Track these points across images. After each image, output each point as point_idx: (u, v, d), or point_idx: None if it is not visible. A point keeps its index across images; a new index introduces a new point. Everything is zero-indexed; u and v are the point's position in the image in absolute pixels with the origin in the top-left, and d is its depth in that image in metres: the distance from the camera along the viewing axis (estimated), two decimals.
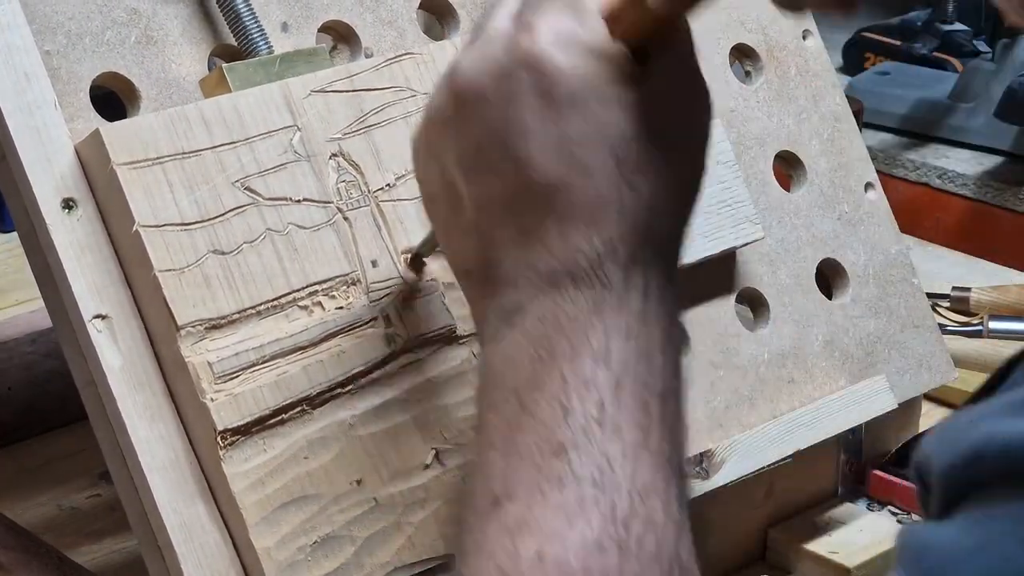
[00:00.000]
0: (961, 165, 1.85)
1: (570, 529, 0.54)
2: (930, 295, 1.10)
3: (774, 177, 0.96)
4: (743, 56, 0.98)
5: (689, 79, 0.63)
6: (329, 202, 0.72)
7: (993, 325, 1.23)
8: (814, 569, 0.95)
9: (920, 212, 1.79)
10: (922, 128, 1.91)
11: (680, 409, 0.60)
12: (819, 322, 0.95)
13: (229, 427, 0.67)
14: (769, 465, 0.90)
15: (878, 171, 1.01)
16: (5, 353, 1.09)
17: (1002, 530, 0.48)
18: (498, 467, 0.56)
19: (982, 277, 1.35)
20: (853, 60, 2.10)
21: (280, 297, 0.70)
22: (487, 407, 0.59)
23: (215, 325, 0.68)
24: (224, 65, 0.73)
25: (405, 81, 0.75)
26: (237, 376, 0.68)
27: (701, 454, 0.86)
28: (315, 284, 0.71)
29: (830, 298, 0.96)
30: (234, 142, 0.70)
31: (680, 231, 0.62)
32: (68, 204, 0.69)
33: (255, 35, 0.76)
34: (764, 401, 0.91)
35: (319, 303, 0.71)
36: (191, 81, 0.76)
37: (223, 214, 0.69)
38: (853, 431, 0.97)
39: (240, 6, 0.76)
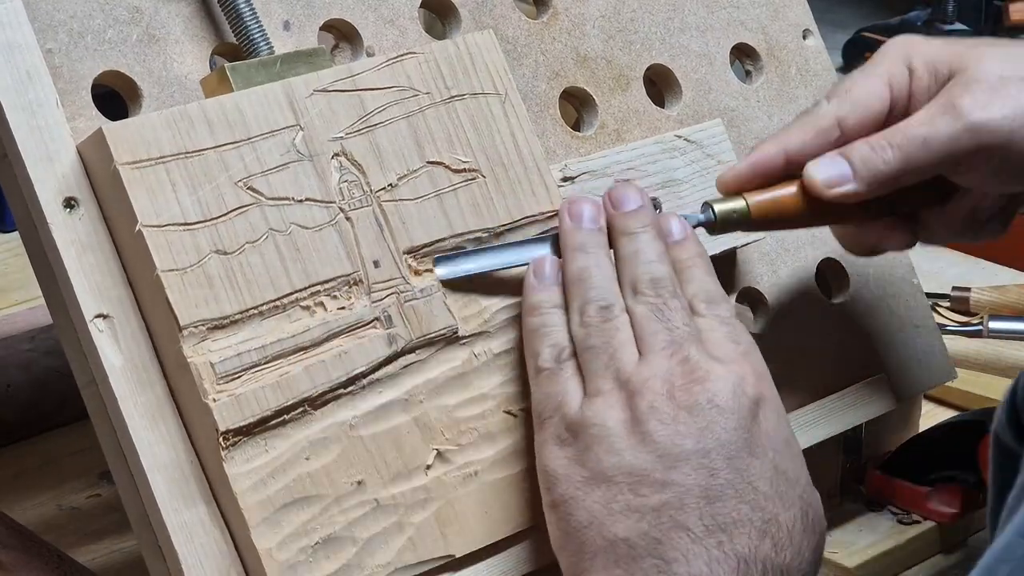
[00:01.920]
0: None
1: None
2: (930, 295, 1.10)
3: None
4: (744, 55, 0.98)
5: None
6: (331, 202, 0.72)
7: (993, 325, 1.24)
8: None
9: None
10: None
11: None
12: (819, 322, 0.95)
13: (231, 427, 0.67)
14: None
15: None
16: (3, 351, 1.08)
17: None
18: None
19: (982, 277, 1.35)
20: (853, 60, 2.11)
21: (282, 297, 0.70)
22: None
23: (217, 325, 0.68)
24: (227, 65, 0.73)
25: (407, 80, 0.75)
26: (239, 376, 0.68)
27: None
28: (317, 284, 0.71)
29: (830, 298, 0.96)
30: (237, 141, 0.70)
31: None
32: (70, 203, 0.69)
33: (256, 35, 0.76)
34: None
35: (321, 303, 0.71)
36: (193, 80, 0.76)
37: (226, 214, 0.69)
38: (853, 431, 0.97)
39: (241, 6, 0.76)
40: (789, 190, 0.78)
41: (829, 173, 0.77)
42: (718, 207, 0.78)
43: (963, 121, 0.74)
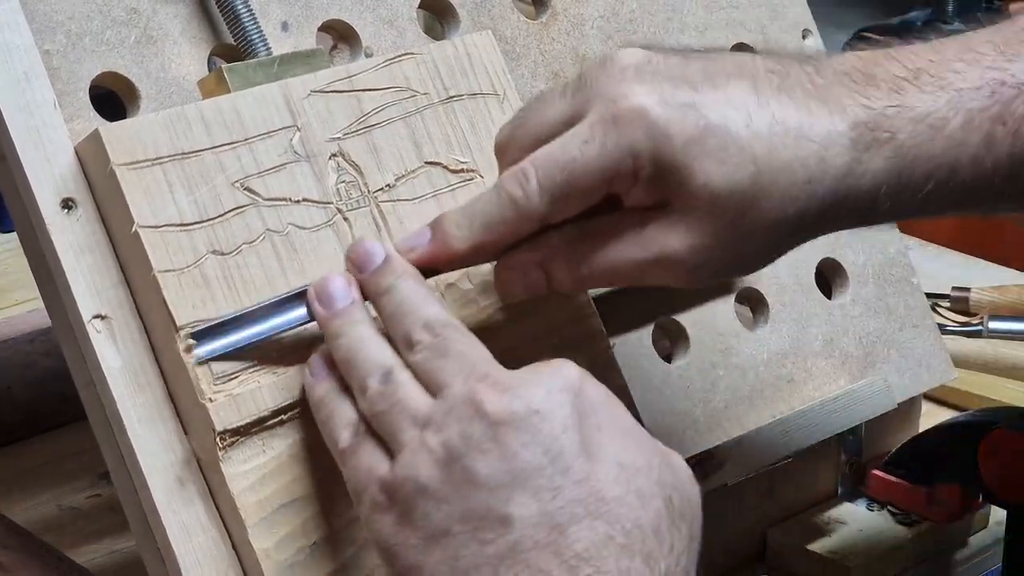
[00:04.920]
0: None
1: None
2: (930, 295, 1.10)
3: None
4: None
5: None
6: (329, 202, 0.72)
7: (993, 325, 1.24)
8: (814, 569, 0.95)
9: None
10: None
11: None
12: (819, 321, 0.95)
13: (228, 428, 0.67)
14: (769, 465, 0.90)
15: None
16: (4, 352, 1.09)
17: None
18: None
19: (982, 277, 1.35)
20: None
21: None
22: None
23: None
24: (224, 66, 0.73)
25: (405, 81, 0.75)
26: (236, 377, 0.68)
27: (701, 454, 0.86)
28: None
29: (830, 298, 0.96)
30: (234, 142, 0.70)
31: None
32: (67, 204, 0.69)
33: (254, 36, 0.76)
34: (764, 401, 0.91)
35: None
36: (191, 81, 0.76)
37: (223, 215, 0.69)
38: (853, 431, 0.97)
39: (239, 7, 0.76)
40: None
41: (525, 290, 0.71)
42: None
43: (684, 283, 0.69)
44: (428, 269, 0.69)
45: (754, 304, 0.93)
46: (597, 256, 0.68)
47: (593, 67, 0.68)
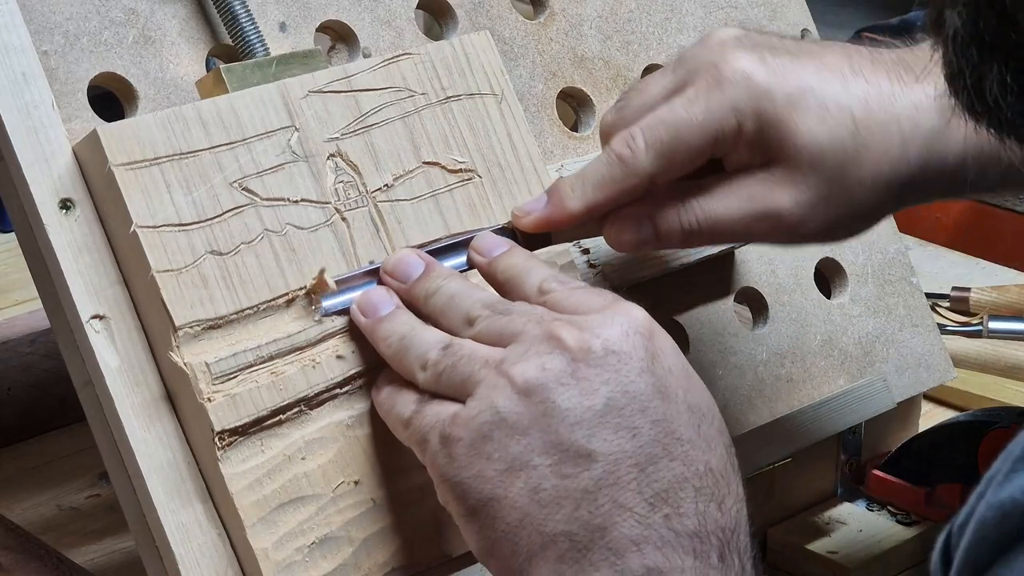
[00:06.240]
0: None
1: None
2: (930, 295, 1.10)
3: None
4: None
5: None
6: (327, 203, 0.72)
7: (993, 325, 1.23)
8: (814, 569, 0.95)
9: (920, 212, 1.79)
10: None
11: None
12: (818, 321, 0.95)
13: (227, 427, 0.67)
14: (768, 465, 0.90)
15: None
16: (4, 354, 1.09)
17: None
18: None
19: (982, 277, 1.35)
20: None
21: (278, 298, 0.70)
22: None
23: (213, 326, 0.68)
24: (222, 66, 0.73)
25: (403, 81, 0.75)
26: (235, 377, 0.68)
27: None
28: None
29: (829, 297, 0.96)
30: (232, 143, 0.70)
31: None
32: (66, 204, 0.69)
33: (251, 36, 0.76)
34: (763, 401, 0.91)
35: (317, 303, 0.71)
36: (189, 81, 0.76)
37: (221, 215, 0.69)
38: (852, 431, 0.97)
39: (237, 7, 0.76)
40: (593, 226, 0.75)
41: (636, 239, 0.73)
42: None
43: (788, 239, 0.74)
44: (544, 234, 0.73)
45: (753, 304, 0.93)
46: (704, 210, 0.72)
47: (692, 47, 0.73)
